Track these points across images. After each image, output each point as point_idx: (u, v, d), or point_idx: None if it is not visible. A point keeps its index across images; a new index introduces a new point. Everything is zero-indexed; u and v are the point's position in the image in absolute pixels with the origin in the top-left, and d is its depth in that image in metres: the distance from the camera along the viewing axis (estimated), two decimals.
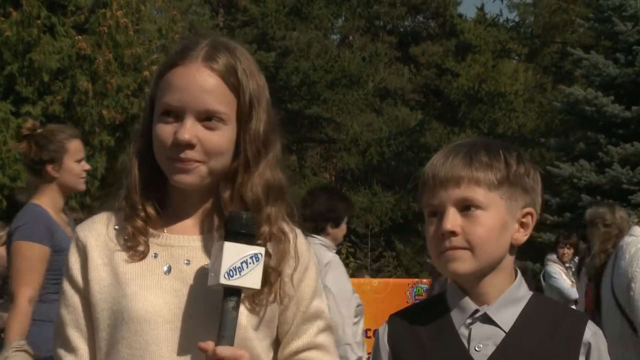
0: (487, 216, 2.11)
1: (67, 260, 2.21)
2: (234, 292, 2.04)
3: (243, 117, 2.15)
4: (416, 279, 13.84)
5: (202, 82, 2.11)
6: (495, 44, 26.32)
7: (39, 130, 4.58)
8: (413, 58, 32.84)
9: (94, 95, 15.98)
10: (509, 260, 2.18)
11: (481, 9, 31.01)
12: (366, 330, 7.08)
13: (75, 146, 4.60)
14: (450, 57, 30.87)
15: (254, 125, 2.15)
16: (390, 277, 22.17)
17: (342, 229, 5.84)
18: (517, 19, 27.67)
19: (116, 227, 2.18)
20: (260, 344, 2.17)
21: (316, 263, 2.27)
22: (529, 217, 2.17)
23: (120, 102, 16.33)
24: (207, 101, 2.11)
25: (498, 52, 26.60)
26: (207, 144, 2.11)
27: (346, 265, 20.90)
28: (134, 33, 16.62)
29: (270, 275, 2.14)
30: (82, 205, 14.78)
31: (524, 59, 28.47)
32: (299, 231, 2.24)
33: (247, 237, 2.05)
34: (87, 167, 4.64)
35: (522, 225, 2.16)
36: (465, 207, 2.11)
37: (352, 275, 18.52)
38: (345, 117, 28.57)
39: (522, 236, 2.17)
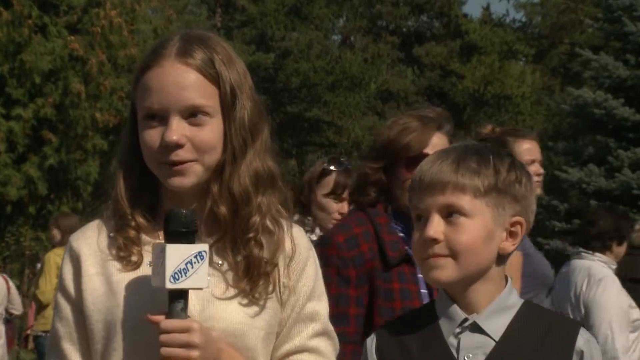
0: (472, 224, 2.10)
1: (62, 271, 2.19)
2: (181, 294, 2.02)
3: (227, 107, 2.12)
4: None
5: (179, 79, 2.08)
6: (502, 45, 26.46)
7: (493, 135, 4.51)
8: (416, 59, 32.88)
9: (87, 97, 15.95)
10: (497, 269, 2.15)
11: (487, 8, 31.27)
12: None
13: (524, 149, 4.44)
14: (455, 58, 31.03)
15: (238, 115, 2.12)
16: None
17: (624, 246, 6.21)
18: (524, 19, 27.83)
19: (111, 234, 2.16)
20: (263, 351, 2.15)
21: (316, 262, 2.24)
22: (518, 227, 2.14)
23: (114, 105, 16.31)
24: (188, 97, 2.08)
25: (504, 53, 26.74)
26: (197, 140, 2.08)
27: None
28: (128, 33, 16.69)
29: (266, 266, 2.12)
30: (74, 211, 14.64)
31: (531, 60, 28.56)
32: (296, 225, 2.23)
33: (188, 235, 2.03)
34: (540, 170, 4.46)
35: (511, 234, 2.14)
36: (449, 213, 2.11)
37: None
38: (347, 120, 28.74)
39: (509, 245, 2.14)
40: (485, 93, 29.05)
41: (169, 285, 1.99)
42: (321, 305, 2.22)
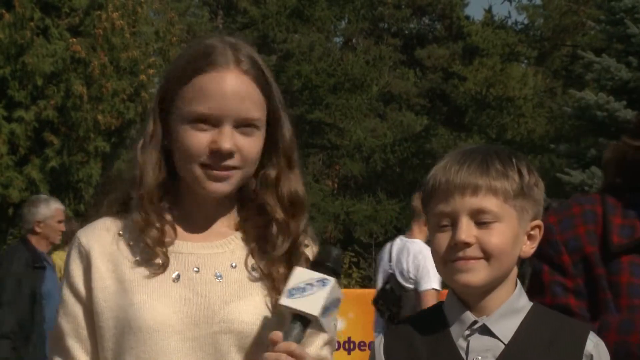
0: (502, 227, 2.09)
1: (69, 267, 2.16)
2: (300, 319, 2.01)
3: (273, 121, 2.14)
4: None
5: (239, 89, 2.09)
6: (504, 47, 26.42)
7: None
8: (418, 61, 32.81)
9: (89, 99, 15.94)
10: (514, 273, 2.16)
11: (489, 10, 31.21)
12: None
13: None
14: (457, 60, 30.99)
15: (285, 131, 2.16)
16: None
17: None
18: (526, 22, 27.82)
19: (120, 232, 2.15)
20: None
21: None
22: (537, 230, 2.16)
23: (116, 107, 16.29)
24: (244, 108, 2.09)
25: (506, 55, 26.70)
26: (245, 151, 2.10)
27: (349, 275, 20.84)
28: (130, 36, 16.68)
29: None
30: (76, 213, 14.61)
31: (533, 63, 28.53)
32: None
33: (329, 271, 2.04)
34: None
35: (530, 237, 2.15)
36: (480, 217, 2.09)
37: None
38: (349, 122, 28.69)
39: (529, 249, 2.16)
40: (488, 95, 29.02)
41: (283, 301, 2.01)
42: None
